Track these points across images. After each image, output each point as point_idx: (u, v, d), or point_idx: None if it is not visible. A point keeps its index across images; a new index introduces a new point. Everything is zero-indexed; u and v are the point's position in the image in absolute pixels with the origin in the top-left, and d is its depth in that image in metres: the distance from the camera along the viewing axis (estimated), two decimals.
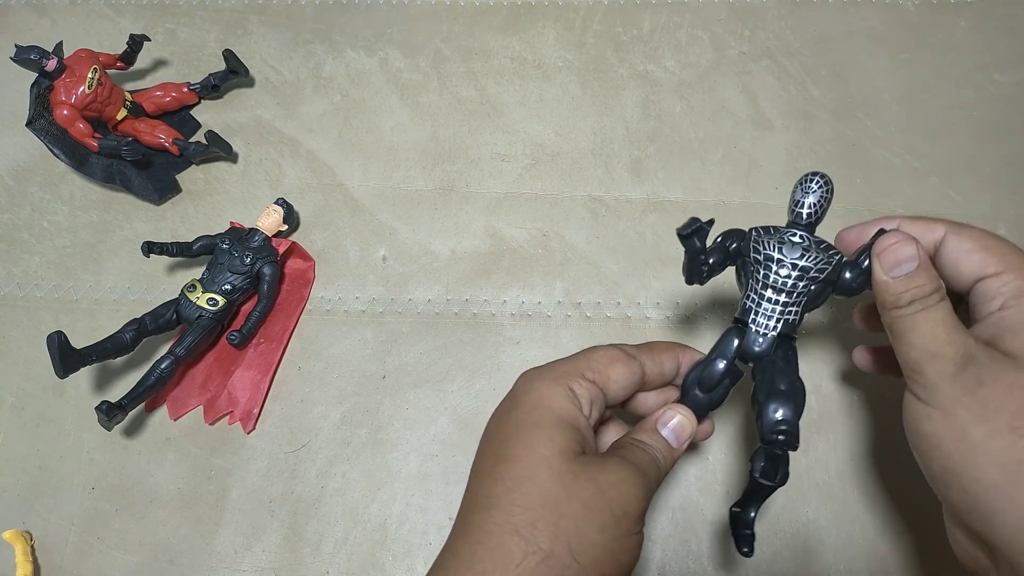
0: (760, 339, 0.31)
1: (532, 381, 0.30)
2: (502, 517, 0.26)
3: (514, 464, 0.27)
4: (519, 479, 0.27)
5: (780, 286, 0.30)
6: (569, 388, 0.29)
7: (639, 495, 0.27)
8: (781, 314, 0.31)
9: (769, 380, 0.30)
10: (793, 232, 0.31)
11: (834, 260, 0.30)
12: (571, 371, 0.30)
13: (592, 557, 0.26)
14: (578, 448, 0.28)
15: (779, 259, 0.30)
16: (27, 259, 0.49)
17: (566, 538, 0.25)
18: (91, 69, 0.46)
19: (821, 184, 0.31)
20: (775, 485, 0.30)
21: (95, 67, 0.47)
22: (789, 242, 0.30)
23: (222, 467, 0.42)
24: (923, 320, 0.28)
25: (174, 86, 0.51)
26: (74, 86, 0.46)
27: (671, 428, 0.31)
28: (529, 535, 0.25)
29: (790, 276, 0.30)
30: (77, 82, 0.46)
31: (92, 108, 0.47)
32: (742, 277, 0.32)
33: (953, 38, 0.53)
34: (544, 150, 0.50)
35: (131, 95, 0.50)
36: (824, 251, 0.30)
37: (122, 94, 0.49)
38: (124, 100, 0.49)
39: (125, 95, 0.49)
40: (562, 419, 0.28)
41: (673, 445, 0.30)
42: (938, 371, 0.27)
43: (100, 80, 0.47)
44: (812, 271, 0.30)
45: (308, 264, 0.47)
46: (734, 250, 0.32)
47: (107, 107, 0.48)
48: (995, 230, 0.46)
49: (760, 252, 0.31)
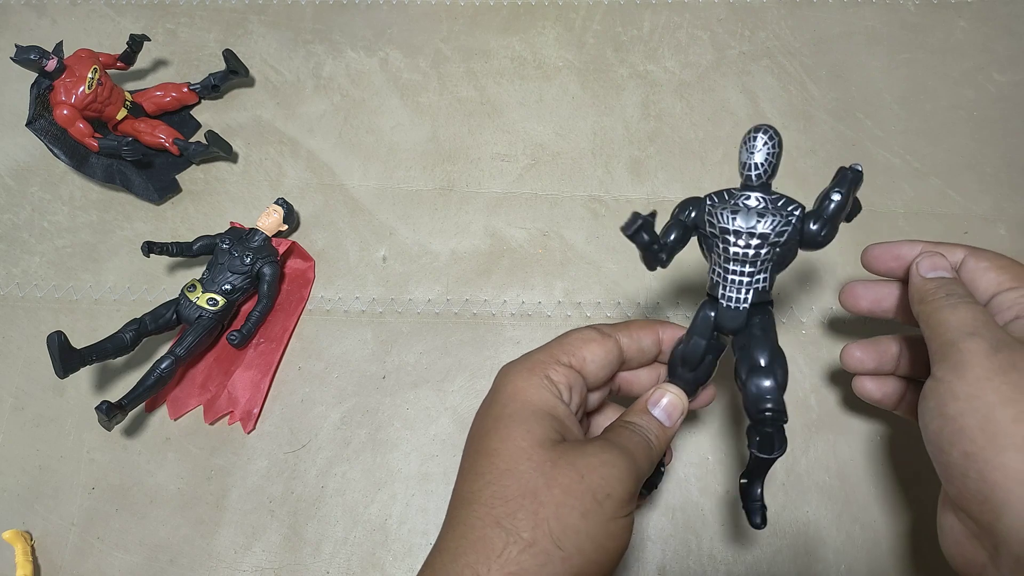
0: (732, 313, 0.30)
1: (508, 374, 0.30)
2: (483, 510, 0.26)
3: (493, 458, 0.27)
4: (498, 472, 0.27)
5: (742, 258, 0.29)
6: (545, 376, 0.29)
7: (623, 477, 0.27)
8: (749, 284, 0.29)
9: (748, 355, 0.29)
10: (747, 195, 0.29)
11: (794, 217, 0.29)
12: (546, 359, 0.30)
13: (575, 543, 0.25)
14: (557, 436, 0.28)
15: (735, 230, 0.29)
16: (27, 259, 0.49)
17: (547, 526, 0.25)
18: (91, 69, 0.46)
19: (765, 140, 0.29)
20: (775, 457, 0.29)
21: (95, 67, 0.47)
22: (744, 208, 0.29)
23: (222, 467, 0.42)
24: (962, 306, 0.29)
25: (174, 86, 0.51)
26: (74, 86, 0.46)
27: (662, 407, 0.30)
28: (510, 525, 0.25)
29: (750, 246, 0.29)
30: (77, 82, 0.46)
31: (92, 108, 0.47)
32: (704, 249, 0.31)
33: (953, 38, 0.53)
34: (544, 150, 0.50)
35: (131, 95, 0.50)
36: (782, 210, 0.29)
37: (122, 94, 0.49)
38: (124, 100, 0.49)
39: (125, 95, 0.49)
40: (539, 409, 0.28)
41: (665, 424, 0.30)
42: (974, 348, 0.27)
43: (100, 80, 0.47)
44: (772, 236, 0.29)
45: (308, 264, 0.47)
46: (692, 221, 0.30)
47: (107, 107, 0.48)
48: (995, 230, 0.46)
49: (715, 225, 0.29)
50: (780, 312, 0.45)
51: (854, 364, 0.37)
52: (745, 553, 0.39)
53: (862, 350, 0.37)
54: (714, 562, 0.39)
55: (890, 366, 0.37)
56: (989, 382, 0.26)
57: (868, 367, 0.37)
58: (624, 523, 0.27)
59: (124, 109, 0.49)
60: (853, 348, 0.37)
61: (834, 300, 0.45)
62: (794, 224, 0.29)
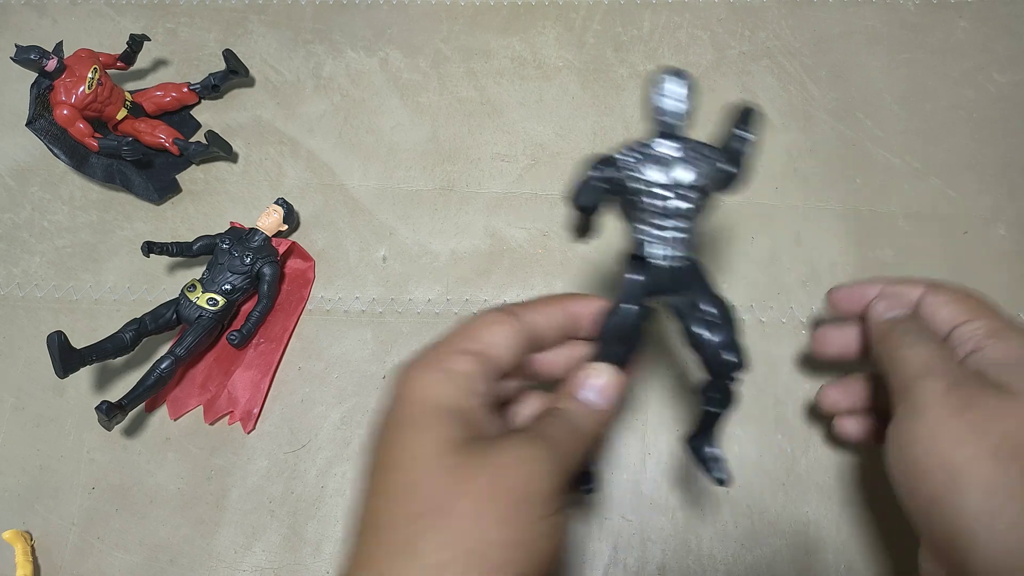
0: (669, 271, 0.28)
1: (405, 373, 0.27)
2: (385, 536, 0.23)
3: (392, 472, 0.24)
4: (398, 487, 0.24)
5: (665, 211, 0.27)
6: (446, 369, 0.26)
7: (542, 473, 0.24)
8: (682, 239, 0.28)
9: (696, 311, 0.28)
10: (661, 143, 0.28)
11: (714, 160, 0.28)
12: (445, 350, 0.27)
13: (497, 556, 0.22)
14: (465, 434, 0.25)
15: (658, 182, 0.27)
16: (27, 259, 0.49)
17: (461, 543, 0.22)
18: (91, 69, 0.46)
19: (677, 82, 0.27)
20: (726, 410, 0.29)
21: (95, 67, 0.47)
22: (663, 159, 0.27)
23: (222, 467, 0.42)
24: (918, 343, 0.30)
25: (174, 86, 0.51)
26: (74, 86, 0.46)
27: (593, 389, 0.28)
28: (415, 551, 0.22)
29: (685, 198, 0.27)
30: (77, 82, 0.46)
31: (92, 108, 0.47)
32: (624, 207, 0.29)
33: (953, 38, 0.53)
34: (544, 150, 0.50)
35: (131, 95, 0.50)
36: (700, 154, 0.28)
37: (122, 94, 0.49)
38: (124, 100, 0.49)
39: (125, 95, 0.49)
40: (440, 407, 0.25)
41: (601, 405, 0.28)
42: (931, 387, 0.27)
43: (100, 80, 0.47)
44: (702, 184, 0.27)
45: (308, 264, 0.47)
46: (613, 182, 0.28)
47: (107, 107, 0.48)
48: (995, 230, 0.46)
49: (637, 180, 0.28)
50: (780, 312, 0.45)
51: (830, 405, 0.37)
52: (745, 553, 0.39)
53: (837, 391, 0.37)
54: (714, 562, 0.39)
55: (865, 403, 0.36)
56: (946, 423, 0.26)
57: (843, 407, 0.37)
58: (552, 522, 0.24)
59: (124, 109, 0.49)
60: (829, 390, 0.37)
61: None
62: (715, 167, 0.28)
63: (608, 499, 0.40)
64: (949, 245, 0.46)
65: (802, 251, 0.46)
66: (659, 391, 0.43)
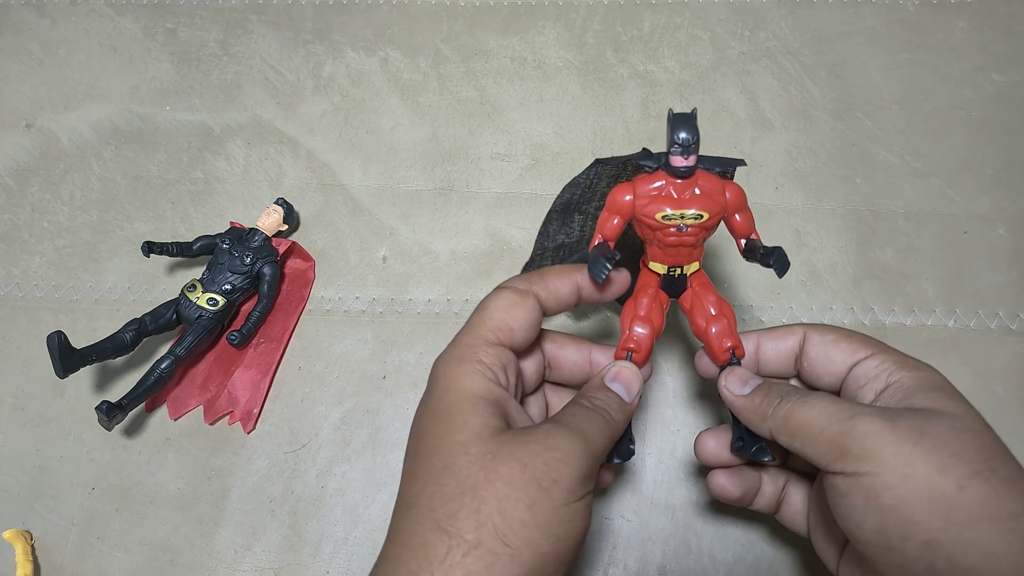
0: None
1: (440, 366, 0.29)
2: (423, 514, 0.25)
3: (430, 457, 0.26)
4: (436, 471, 0.26)
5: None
6: (477, 361, 0.28)
7: (570, 460, 0.25)
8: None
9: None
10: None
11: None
12: (474, 341, 0.28)
13: (524, 537, 0.24)
14: (498, 423, 0.26)
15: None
16: (27, 259, 0.49)
17: (491, 523, 0.24)
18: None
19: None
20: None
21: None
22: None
23: (222, 467, 0.42)
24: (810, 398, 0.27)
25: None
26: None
27: (620, 381, 0.30)
28: (451, 528, 0.24)
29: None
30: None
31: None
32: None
33: (952, 38, 0.53)
34: (544, 150, 0.50)
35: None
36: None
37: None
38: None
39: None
40: (475, 397, 0.27)
41: (625, 399, 0.30)
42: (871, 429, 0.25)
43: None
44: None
45: (308, 264, 0.47)
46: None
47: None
48: (995, 230, 0.46)
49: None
50: (780, 312, 0.45)
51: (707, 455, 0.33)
52: (746, 553, 0.39)
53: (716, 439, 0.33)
54: (714, 562, 0.39)
55: None
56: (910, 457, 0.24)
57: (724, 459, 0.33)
58: (577, 508, 0.26)
59: None
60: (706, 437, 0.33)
61: (834, 299, 0.45)
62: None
63: (608, 499, 0.40)
64: (949, 245, 0.46)
65: (802, 251, 0.46)
66: (659, 391, 0.43)
